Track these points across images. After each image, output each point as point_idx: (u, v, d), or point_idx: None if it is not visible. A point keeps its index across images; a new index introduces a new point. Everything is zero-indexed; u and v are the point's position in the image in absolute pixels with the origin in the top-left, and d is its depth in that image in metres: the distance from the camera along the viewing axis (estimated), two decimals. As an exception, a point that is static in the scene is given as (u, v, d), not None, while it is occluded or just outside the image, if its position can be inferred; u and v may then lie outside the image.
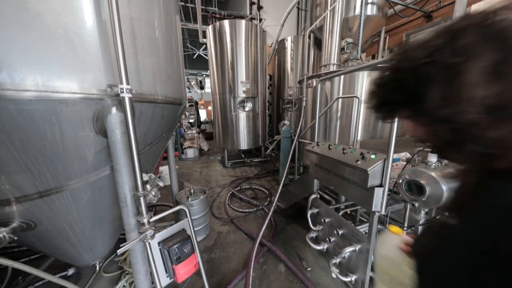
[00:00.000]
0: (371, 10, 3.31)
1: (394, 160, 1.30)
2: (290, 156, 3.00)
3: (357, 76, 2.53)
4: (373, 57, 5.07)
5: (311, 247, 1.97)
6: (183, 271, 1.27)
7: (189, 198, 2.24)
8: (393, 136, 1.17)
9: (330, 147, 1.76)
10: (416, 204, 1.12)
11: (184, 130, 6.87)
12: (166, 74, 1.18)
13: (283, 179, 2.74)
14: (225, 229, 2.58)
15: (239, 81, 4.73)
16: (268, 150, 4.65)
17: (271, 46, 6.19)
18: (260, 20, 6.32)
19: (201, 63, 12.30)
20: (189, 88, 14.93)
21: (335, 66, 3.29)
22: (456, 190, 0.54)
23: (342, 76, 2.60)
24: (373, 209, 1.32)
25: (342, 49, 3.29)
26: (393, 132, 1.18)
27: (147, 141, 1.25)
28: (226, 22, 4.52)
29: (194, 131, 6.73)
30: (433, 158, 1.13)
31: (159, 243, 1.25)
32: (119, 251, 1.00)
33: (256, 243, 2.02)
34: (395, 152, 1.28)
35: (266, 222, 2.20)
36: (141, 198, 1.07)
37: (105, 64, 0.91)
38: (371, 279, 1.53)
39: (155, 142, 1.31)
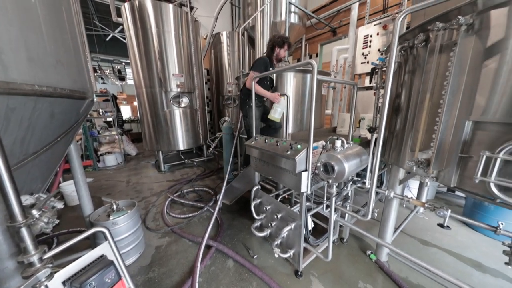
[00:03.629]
0: (294, 18, 3.76)
1: (313, 148, 1.56)
2: (232, 152, 3.04)
3: (286, 76, 2.85)
4: (298, 60, 5.85)
5: (257, 236, 2.11)
6: (109, 303, 1.05)
7: (111, 216, 1.85)
8: (311, 128, 1.41)
9: (266, 140, 1.91)
10: (330, 181, 1.41)
11: (99, 131, 5.53)
12: (54, 57, 0.88)
13: (227, 175, 2.75)
14: (164, 241, 2.31)
15: (171, 74, 4.27)
16: (211, 148, 4.51)
17: (205, 38, 5.93)
18: (191, 8, 5.90)
19: (118, 48, 10.10)
20: (102, 78, 12.07)
21: (268, 65, 3.56)
22: None
23: (274, 75, 2.84)
24: (301, 191, 1.55)
25: (273, 51, 3.59)
26: (311, 125, 1.41)
27: (29, 149, 0.89)
28: (148, 3, 3.90)
29: (114, 133, 5.51)
30: (338, 144, 1.45)
31: (64, 282, 0.96)
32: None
33: (202, 246, 1.94)
34: (314, 141, 1.54)
35: (212, 222, 2.15)
36: (23, 230, 0.77)
37: None
38: (305, 249, 1.81)
39: (43, 150, 0.96)
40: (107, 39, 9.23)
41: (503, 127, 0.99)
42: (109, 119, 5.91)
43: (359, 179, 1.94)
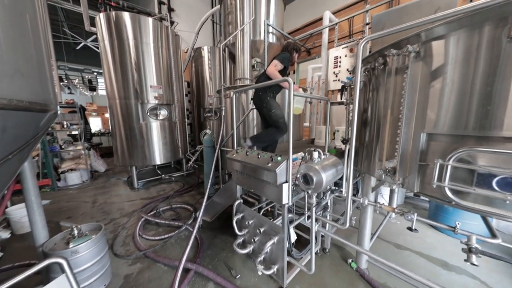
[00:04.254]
0: (272, 38, 4.03)
1: (293, 160, 1.61)
2: (213, 165, 2.97)
3: (266, 91, 2.96)
4: (278, 76, 6.18)
5: (239, 253, 2.01)
6: None
7: (70, 243, 1.62)
8: (291, 141, 1.47)
9: (247, 153, 1.92)
10: (309, 191, 1.45)
11: (62, 146, 4.98)
12: (12, 66, 0.79)
13: (208, 190, 2.65)
14: (135, 268, 2.07)
15: (148, 85, 4.15)
16: (190, 162, 4.34)
17: (186, 52, 5.98)
18: (172, 22, 5.97)
19: (90, 57, 9.60)
20: (69, 88, 11.21)
21: (248, 80, 3.69)
22: None
23: (255, 90, 2.94)
24: (283, 202, 1.56)
25: (253, 66, 3.76)
26: (290, 137, 1.47)
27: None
28: (126, 15, 3.87)
29: (80, 147, 4.99)
30: (315, 155, 1.52)
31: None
32: None
33: (179, 271, 1.79)
34: (294, 152, 1.59)
35: (190, 242, 2.01)
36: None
37: None
38: (289, 263, 1.78)
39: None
40: (78, 48, 8.72)
41: (450, 138, 1.15)
42: (75, 132, 5.35)
43: (337, 188, 2.04)
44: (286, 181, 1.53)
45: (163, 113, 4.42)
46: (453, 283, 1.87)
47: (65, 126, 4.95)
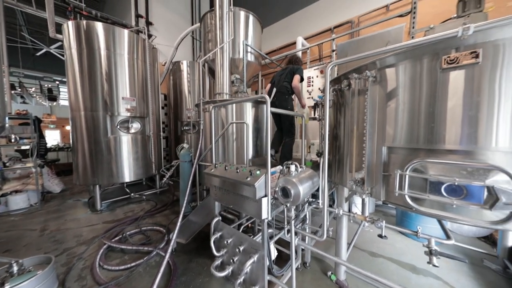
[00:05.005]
0: (250, 57, 4.25)
1: (272, 173, 1.64)
2: (190, 181, 2.83)
3: (245, 106, 3.05)
4: (256, 92, 6.42)
5: (217, 276, 1.87)
6: None
7: (6, 284, 1.32)
8: (268, 154, 1.50)
9: (226, 167, 1.89)
10: (288, 205, 1.47)
11: (6, 164, 4.26)
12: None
13: (184, 208, 2.49)
14: (94, 305, 1.77)
15: (120, 97, 3.93)
16: (165, 178, 4.07)
17: (164, 65, 5.90)
18: (150, 36, 5.92)
19: (52, 65, 8.84)
20: (23, 97, 9.99)
21: (228, 95, 3.75)
22: None
23: (234, 105, 3.00)
24: (262, 217, 1.54)
25: (232, 82, 3.86)
26: (268, 151, 1.50)
27: None
28: (99, 25, 3.74)
29: (30, 164, 4.29)
30: (293, 168, 1.58)
31: None
32: None
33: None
34: (272, 166, 1.63)
35: (162, 269, 1.81)
36: None
37: None
38: (270, 282, 1.71)
39: None
40: (38, 54, 7.97)
41: (406, 151, 1.31)
42: (25, 147, 4.60)
43: (314, 200, 2.10)
44: (265, 195, 1.53)
45: (136, 126, 4.16)
46: (422, 285, 2.00)
47: (12, 140, 4.27)
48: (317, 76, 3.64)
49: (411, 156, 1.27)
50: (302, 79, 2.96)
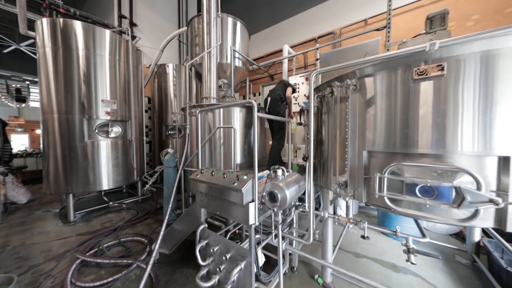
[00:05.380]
0: (238, 63, 4.29)
1: (259, 178, 1.64)
2: (175, 187, 2.73)
3: (233, 111, 3.04)
4: (244, 97, 6.46)
5: (203, 287, 1.80)
6: None
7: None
8: (255, 159, 1.51)
9: (213, 173, 1.85)
10: (275, 209, 1.48)
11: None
12: None
13: (168, 216, 2.38)
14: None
15: (100, 100, 3.72)
16: (147, 185, 3.87)
17: (148, 67, 5.73)
18: (134, 37, 5.74)
19: (21, 64, 8.19)
20: None
21: (215, 99, 3.72)
22: None
23: (222, 109, 2.98)
24: (249, 223, 1.52)
25: (220, 87, 3.84)
26: (255, 155, 1.51)
27: None
28: (77, 24, 3.55)
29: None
30: (279, 173, 1.59)
31: None
32: None
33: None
34: (259, 171, 1.63)
35: (142, 283, 1.71)
36: None
37: None
38: (257, 289, 1.68)
39: None
40: (6, 51, 7.33)
41: (384, 154, 1.39)
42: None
43: (301, 203, 2.13)
44: (253, 200, 1.52)
45: (116, 130, 3.95)
46: (402, 283, 2.09)
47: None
48: (302, 83, 3.77)
49: (389, 160, 1.35)
50: (294, 91, 3.39)
